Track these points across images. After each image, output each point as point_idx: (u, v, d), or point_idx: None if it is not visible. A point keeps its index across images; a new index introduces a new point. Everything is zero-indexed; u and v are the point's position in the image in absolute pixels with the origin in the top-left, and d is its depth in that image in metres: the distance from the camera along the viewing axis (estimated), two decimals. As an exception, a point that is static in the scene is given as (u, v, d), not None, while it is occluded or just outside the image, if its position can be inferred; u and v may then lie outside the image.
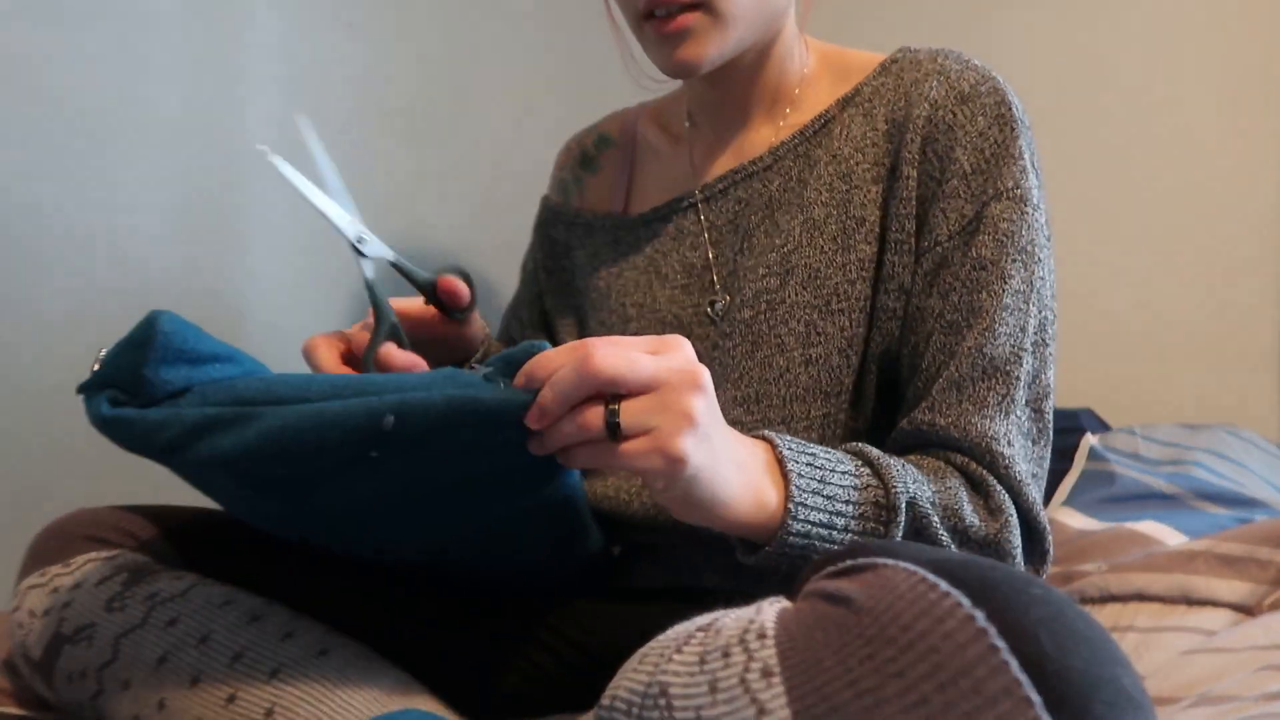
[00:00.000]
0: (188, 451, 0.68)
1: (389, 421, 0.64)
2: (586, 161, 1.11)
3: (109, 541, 0.83)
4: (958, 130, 0.86)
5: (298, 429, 0.65)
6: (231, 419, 0.67)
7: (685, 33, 0.86)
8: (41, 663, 0.79)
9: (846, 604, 0.51)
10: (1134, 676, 0.50)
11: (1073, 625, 0.49)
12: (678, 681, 0.52)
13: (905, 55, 0.92)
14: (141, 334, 0.69)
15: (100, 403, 0.69)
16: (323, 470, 0.68)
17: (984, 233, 0.84)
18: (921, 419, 0.82)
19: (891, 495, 0.73)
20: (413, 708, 0.74)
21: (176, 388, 0.70)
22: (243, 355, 0.74)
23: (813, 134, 0.93)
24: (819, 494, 0.71)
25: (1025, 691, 0.46)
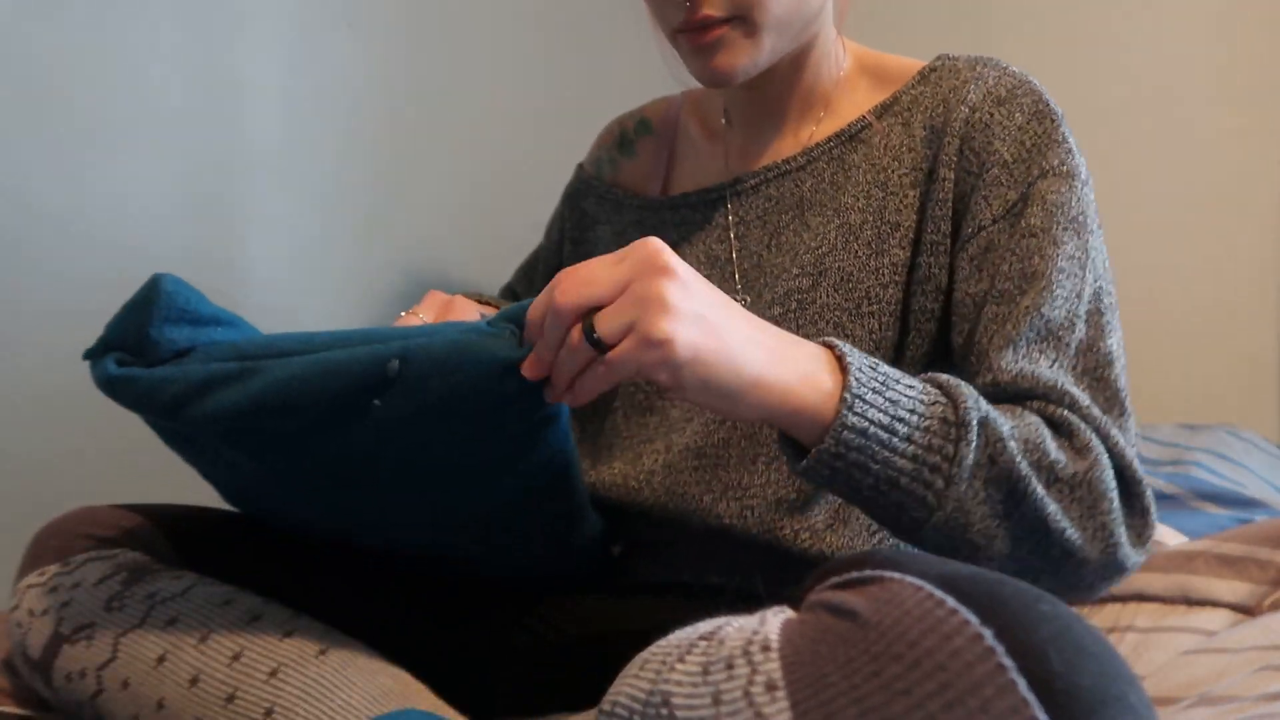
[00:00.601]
0: (192, 408, 0.68)
1: (394, 366, 0.64)
2: (625, 145, 1.12)
3: (108, 540, 0.83)
4: (995, 127, 0.86)
5: (303, 377, 0.66)
6: (236, 373, 0.67)
7: (719, 43, 0.87)
8: (40, 662, 0.79)
9: (852, 618, 0.51)
10: (1141, 693, 0.49)
11: (1081, 642, 0.49)
12: (680, 691, 0.52)
13: (944, 63, 0.93)
14: (144, 295, 0.71)
15: (106, 364, 0.70)
16: (322, 423, 0.68)
17: (1032, 205, 0.82)
18: (982, 380, 0.79)
19: (961, 410, 0.68)
20: (412, 707, 0.74)
21: (180, 347, 0.70)
22: (242, 321, 0.75)
23: (848, 139, 0.94)
24: (880, 394, 0.68)
25: (1033, 711, 0.46)
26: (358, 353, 0.66)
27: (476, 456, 0.73)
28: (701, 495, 0.89)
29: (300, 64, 1.43)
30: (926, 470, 0.67)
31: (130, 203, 1.25)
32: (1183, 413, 1.89)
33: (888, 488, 0.68)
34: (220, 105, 1.34)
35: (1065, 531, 0.70)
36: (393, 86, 1.56)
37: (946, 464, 0.67)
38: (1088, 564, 0.71)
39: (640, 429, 0.95)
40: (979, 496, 0.68)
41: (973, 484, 0.68)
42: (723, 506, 0.88)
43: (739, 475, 0.88)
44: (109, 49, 1.22)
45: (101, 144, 1.23)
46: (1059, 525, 0.70)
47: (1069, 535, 0.70)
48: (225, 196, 1.35)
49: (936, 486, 0.67)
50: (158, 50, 1.27)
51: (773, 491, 0.87)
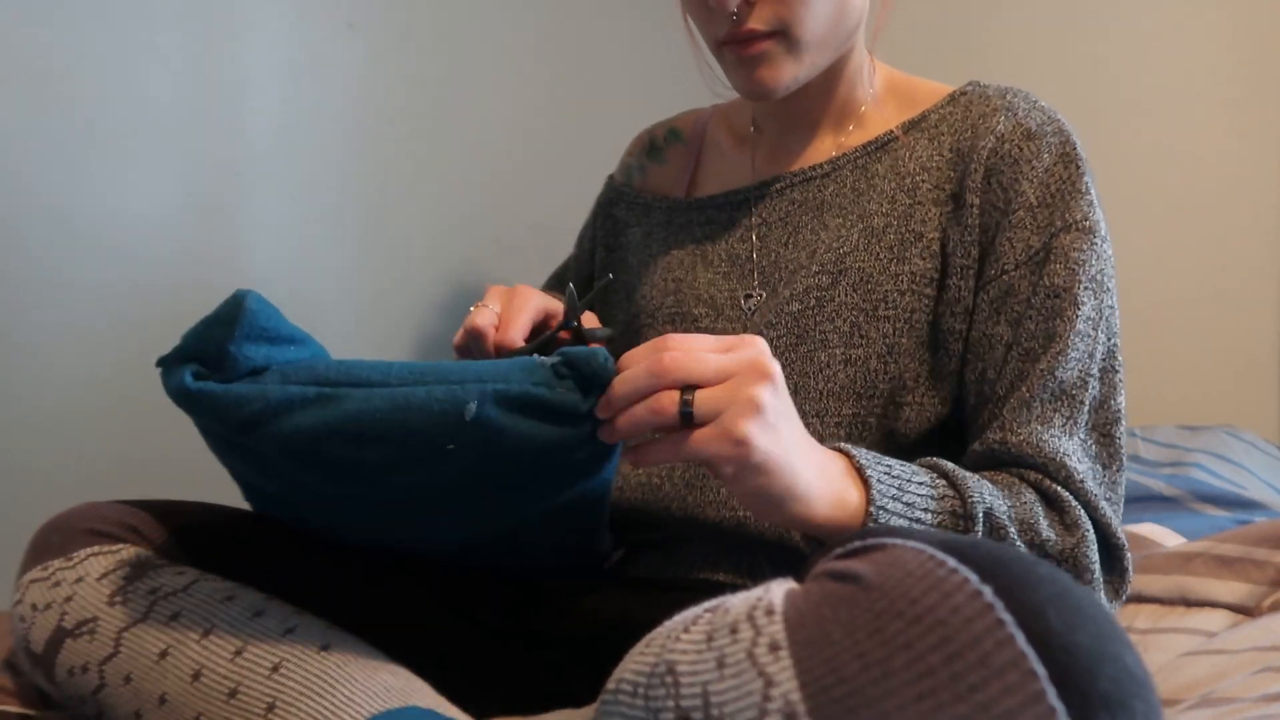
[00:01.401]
0: (267, 427, 0.69)
1: (471, 409, 0.66)
2: (654, 151, 1.15)
3: (111, 536, 0.83)
4: (1023, 164, 0.89)
5: (383, 410, 0.67)
6: (314, 398, 0.68)
7: (762, 57, 0.90)
8: (43, 657, 0.79)
9: (855, 581, 0.51)
10: (1137, 656, 0.50)
11: (1079, 603, 0.50)
12: (685, 659, 0.52)
13: (974, 89, 0.96)
14: (229, 311, 0.71)
15: (183, 375, 0.70)
16: (392, 455, 0.70)
17: (1055, 261, 0.86)
18: (993, 439, 0.84)
19: (968, 505, 0.75)
20: (414, 703, 0.74)
21: (257, 364, 0.71)
22: (313, 340, 0.76)
23: (874, 150, 0.97)
24: (898, 500, 0.73)
25: (1031, 664, 0.47)
26: (436, 391, 0.67)
27: (531, 487, 0.75)
28: (719, 488, 0.91)
29: (301, 65, 1.43)
30: None
31: (131, 204, 1.25)
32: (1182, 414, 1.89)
33: None
34: (221, 107, 1.34)
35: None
36: (394, 88, 1.56)
37: None
38: None
39: None
40: None
41: None
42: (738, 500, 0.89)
43: None
44: (109, 50, 1.23)
45: (102, 145, 1.23)
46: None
47: None
48: (226, 198, 1.35)
49: None
50: (158, 52, 1.28)
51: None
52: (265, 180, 1.39)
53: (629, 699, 0.53)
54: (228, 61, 1.35)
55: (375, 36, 1.53)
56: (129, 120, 1.25)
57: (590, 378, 0.68)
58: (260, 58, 1.38)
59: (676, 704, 0.51)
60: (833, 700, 0.48)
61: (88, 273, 1.22)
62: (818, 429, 0.91)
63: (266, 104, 1.39)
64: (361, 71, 1.51)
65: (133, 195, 1.26)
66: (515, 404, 0.67)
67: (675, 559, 0.93)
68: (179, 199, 1.30)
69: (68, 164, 1.20)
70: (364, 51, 1.51)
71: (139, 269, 1.26)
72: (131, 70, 1.25)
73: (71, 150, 1.20)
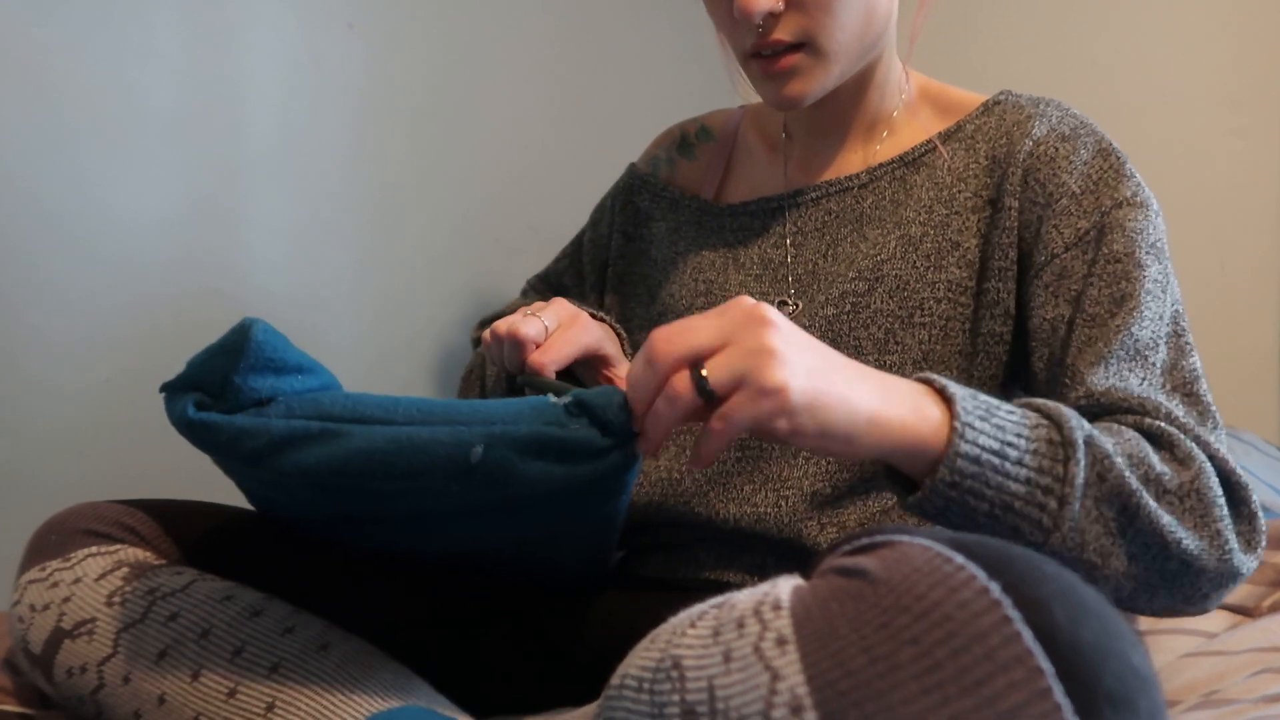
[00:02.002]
0: (272, 461, 0.68)
1: (477, 453, 0.65)
2: (685, 146, 1.15)
3: (109, 536, 0.83)
4: (1060, 161, 0.90)
5: (386, 451, 0.66)
6: (318, 433, 0.67)
7: (791, 71, 0.90)
8: (41, 657, 0.79)
9: (862, 576, 0.51)
10: (1143, 654, 0.50)
11: (1085, 600, 0.49)
12: (690, 654, 0.52)
13: (1008, 98, 0.97)
14: (234, 340, 0.70)
15: (186, 405, 0.69)
16: (400, 492, 0.69)
17: (1111, 233, 0.86)
18: (1074, 396, 0.81)
19: (1066, 431, 0.69)
20: (413, 702, 0.74)
21: (262, 396, 0.70)
22: (321, 368, 0.75)
23: (912, 160, 0.97)
24: (986, 420, 0.68)
25: (1037, 660, 0.47)
26: (441, 434, 0.66)
27: (548, 516, 0.75)
28: (742, 485, 0.92)
29: (302, 66, 1.43)
30: (1040, 493, 0.68)
31: (131, 205, 1.25)
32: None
33: (1002, 512, 0.68)
34: (221, 107, 1.34)
35: (1182, 542, 0.70)
36: (395, 88, 1.56)
37: (1059, 485, 0.68)
38: (1205, 573, 0.72)
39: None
40: (1092, 515, 0.69)
41: (1085, 502, 0.68)
42: (760, 496, 0.90)
43: (780, 468, 0.91)
44: (109, 51, 1.23)
45: (102, 146, 1.23)
46: (1175, 536, 0.70)
47: (1186, 545, 0.70)
48: (226, 199, 1.35)
49: (1050, 508, 0.68)
50: (158, 52, 1.27)
51: (809, 484, 0.90)
52: (265, 181, 1.39)
53: (634, 694, 0.53)
54: (228, 62, 1.35)
55: (375, 36, 1.52)
56: (128, 121, 1.25)
57: (604, 413, 0.67)
58: (260, 58, 1.38)
59: (682, 699, 0.51)
60: (839, 694, 0.48)
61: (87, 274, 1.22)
62: None
63: (266, 104, 1.39)
64: (361, 71, 1.51)
65: (132, 196, 1.25)
66: (527, 446, 0.66)
67: (685, 560, 0.94)
68: (178, 200, 1.30)
69: (66, 165, 1.20)
70: (364, 51, 1.51)
71: (138, 271, 1.26)
72: (131, 71, 1.25)
73: (70, 152, 1.20)
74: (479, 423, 0.67)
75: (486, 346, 0.93)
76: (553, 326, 0.90)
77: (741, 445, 0.92)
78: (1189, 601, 0.73)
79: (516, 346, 0.88)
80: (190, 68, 1.31)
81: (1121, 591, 0.71)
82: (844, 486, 0.90)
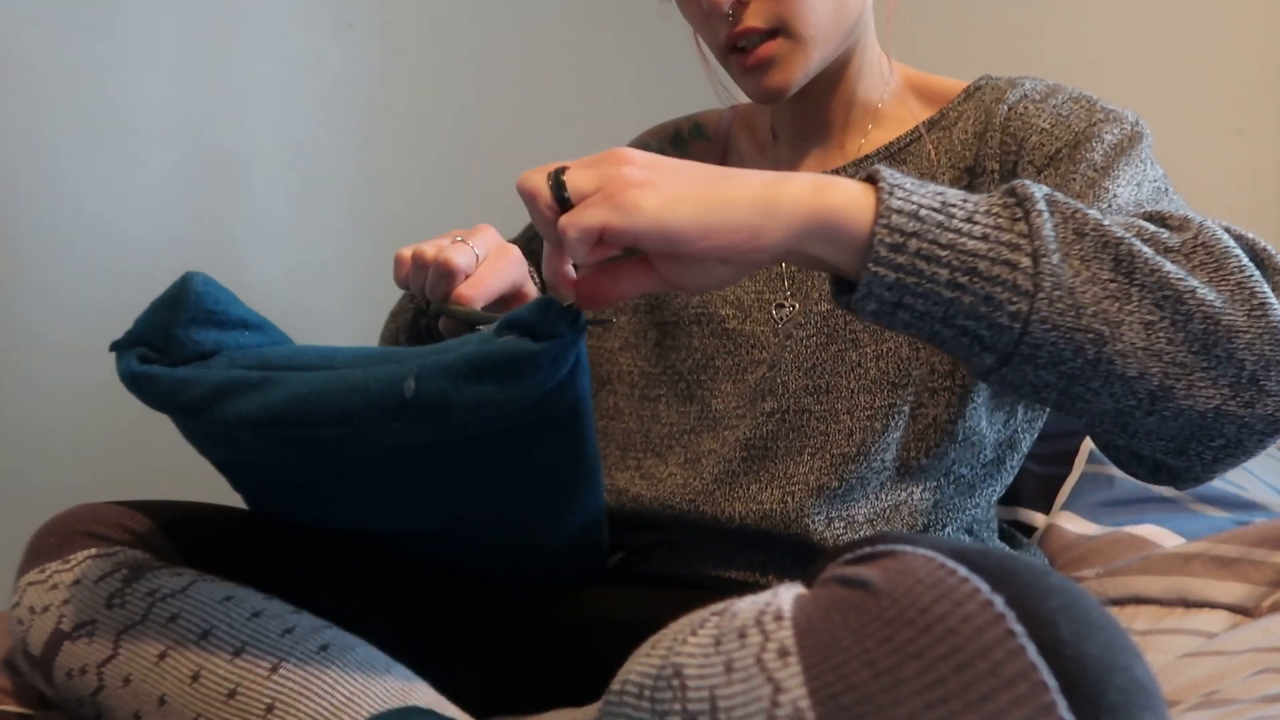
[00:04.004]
0: (212, 411, 0.68)
1: (410, 386, 0.64)
2: (678, 141, 1.13)
3: (108, 538, 0.83)
4: (1032, 110, 0.89)
5: (321, 393, 0.66)
6: (256, 381, 0.68)
7: (770, 62, 0.89)
8: (41, 659, 0.79)
9: (865, 588, 0.51)
10: (1146, 667, 0.50)
11: (1089, 614, 0.49)
12: (692, 663, 0.52)
13: (987, 81, 0.97)
14: (174, 294, 0.71)
15: (130, 359, 0.70)
16: (344, 436, 0.69)
17: (1089, 143, 0.84)
18: None
19: (1019, 188, 0.62)
20: (414, 703, 0.74)
21: (206, 349, 0.71)
22: (271, 326, 0.76)
23: (897, 150, 0.96)
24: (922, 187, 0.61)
25: (1042, 675, 0.46)
26: (375, 372, 0.66)
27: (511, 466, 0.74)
28: (749, 484, 0.91)
29: (302, 66, 1.43)
30: (1005, 249, 0.59)
31: (130, 206, 1.25)
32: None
33: (968, 279, 0.59)
34: (221, 108, 1.34)
35: (1197, 290, 0.61)
36: (395, 88, 1.56)
37: (1025, 239, 0.60)
38: (1240, 335, 0.61)
39: (683, 418, 0.97)
40: (1082, 275, 0.60)
41: (1067, 258, 0.60)
42: (766, 494, 0.90)
43: (785, 465, 0.91)
44: (108, 52, 1.23)
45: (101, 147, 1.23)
46: (1188, 284, 0.61)
47: (1203, 295, 0.61)
48: (226, 200, 1.35)
49: (1023, 265, 0.59)
50: (158, 53, 1.27)
51: (815, 479, 0.89)
52: (265, 181, 1.39)
53: (634, 700, 0.53)
54: (228, 62, 1.35)
55: (375, 36, 1.52)
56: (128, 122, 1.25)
57: (529, 316, 0.65)
58: (260, 58, 1.38)
59: (683, 708, 0.51)
60: (841, 708, 0.48)
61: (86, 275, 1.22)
62: (848, 424, 0.90)
63: (266, 105, 1.39)
64: (361, 71, 1.51)
65: (131, 197, 1.25)
66: (460, 370, 0.64)
67: (686, 557, 0.94)
68: (178, 201, 1.30)
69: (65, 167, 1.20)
70: (364, 51, 1.51)
71: (138, 269, 1.26)
72: (131, 70, 1.25)
73: (69, 153, 1.20)
74: (412, 357, 0.66)
75: (405, 270, 0.84)
76: (483, 256, 0.84)
77: (746, 444, 0.92)
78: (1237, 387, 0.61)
79: (444, 276, 0.81)
80: (190, 68, 1.31)
81: (1150, 382, 0.61)
82: (852, 479, 0.89)
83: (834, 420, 0.91)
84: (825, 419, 0.91)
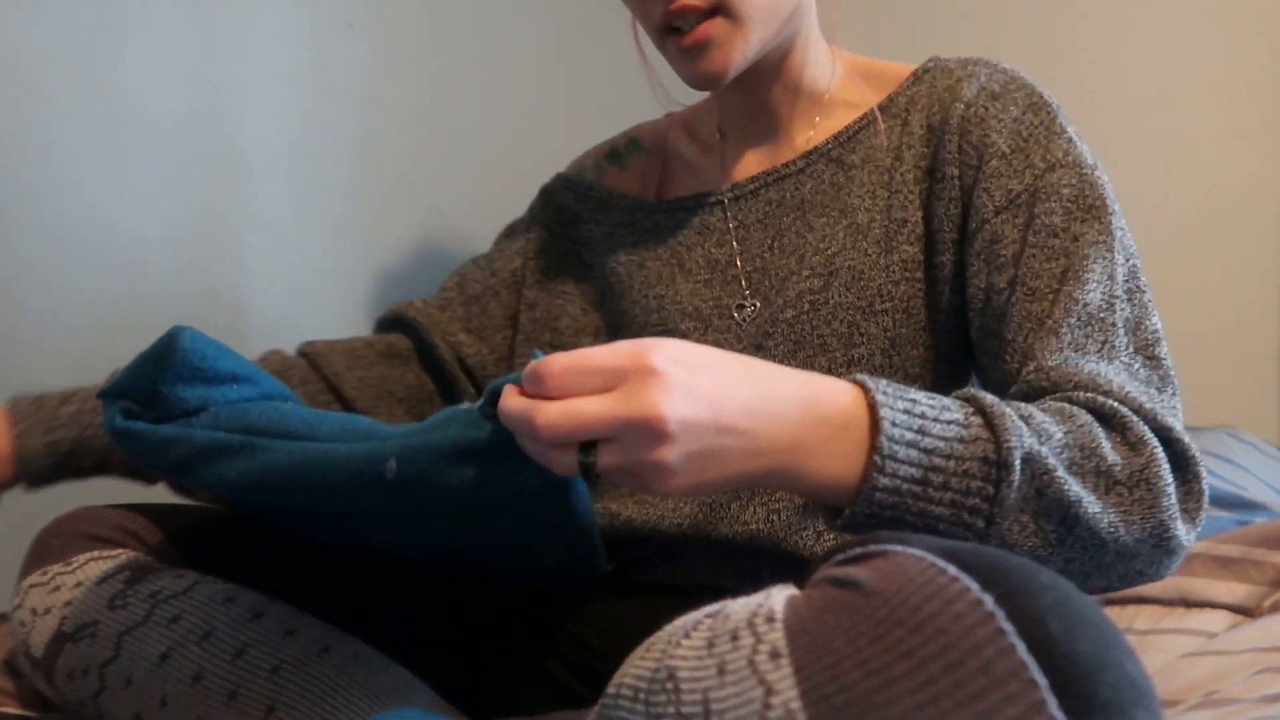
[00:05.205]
0: (195, 472, 0.69)
1: (391, 468, 0.63)
2: (615, 156, 1.11)
3: (110, 540, 0.83)
4: (990, 120, 0.87)
5: (303, 464, 0.66)
6: (239, 446, 0.67)
7: (708, 43, 0.87)
8: (43, 661, 0.79)
9: (856, 588, 0.51)
10: (1139, 664, 0.50)
11: (1080, 611, 0.49)
12: (685, 665, 0.52)
13: (936, 64, 0.94)
14: (160, 349, 0.70)
15: (115, 413, 0.69)
16: (331, 502, 0.69)
17: (1048, 200, 0.82)
18: (1027, 374, 0.77)
19: (1004, 451, 0.64)
20: (413, 705, 0.75)
21: (191, 406, 0.70)
22: (263, 375, 0.75)
23: (847, 139, 0.94)
24: (914, 446, 0.64)
25: (1032, 673, 0.47)
26: (356, 449, 0.64)
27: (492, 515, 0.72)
28: (729, 503, 0.89)
29: (302, 67, 1.43)
30: (965, 513, 0.65)
31: (129, 207, 1.25)
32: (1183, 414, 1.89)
33: (927, 526, 0.65)
34: (220, 108, 1.34)
35: (1121, 539, 0.68)
36: (396, 89, 1.56)
37: (987, 505, 0.65)
38: (1140, 558, 0.69)
39: None
40: (1026, 530, 0.66)
41: (1019, 519, 0.66)
42: (750, 513, 0.88)
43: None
44: (107, 53, 1.23)
45: (101, 148, 1.23)
46: (1115, 536, 0.68)
47: (1125, 542, 0.68)
48: (226, 201, 1.35)
49: (977, 527, 0.65)
50: (156, 54, 1.27)
51: (799, 496, 0.87)
52: (265, 182, 1.39)
53: (629, 704, 0.53)
54: (228, 62, 1.35)
55: (375, 36, 1.52)
56: (128, 123, 1.25)
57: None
58: (260, 58, 1.38)
59: (677, 710, 0.51)
60: (834, 708, 0.48)
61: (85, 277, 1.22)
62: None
63: (266, 105, 1.39)
64: (361, 72, 1.51)
65: (130, 199, 1.25)
66: (441, 455, 0.62)
67: (681, 566, 0.93)
68: (178, 202, 1.30)
69: (65, 168, 1.20)
70: (364, 52, 1.51)
71: (136, 270, 1.26)
72: (130, 70, 1.25)
73: (69, 154, 1.20)
74: (396, 436, 0.64)
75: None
76: None
77: None
78: (1124, 581, 0.72)
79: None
80: (190, 68, 1.31)
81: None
82: None
83: None
84: None
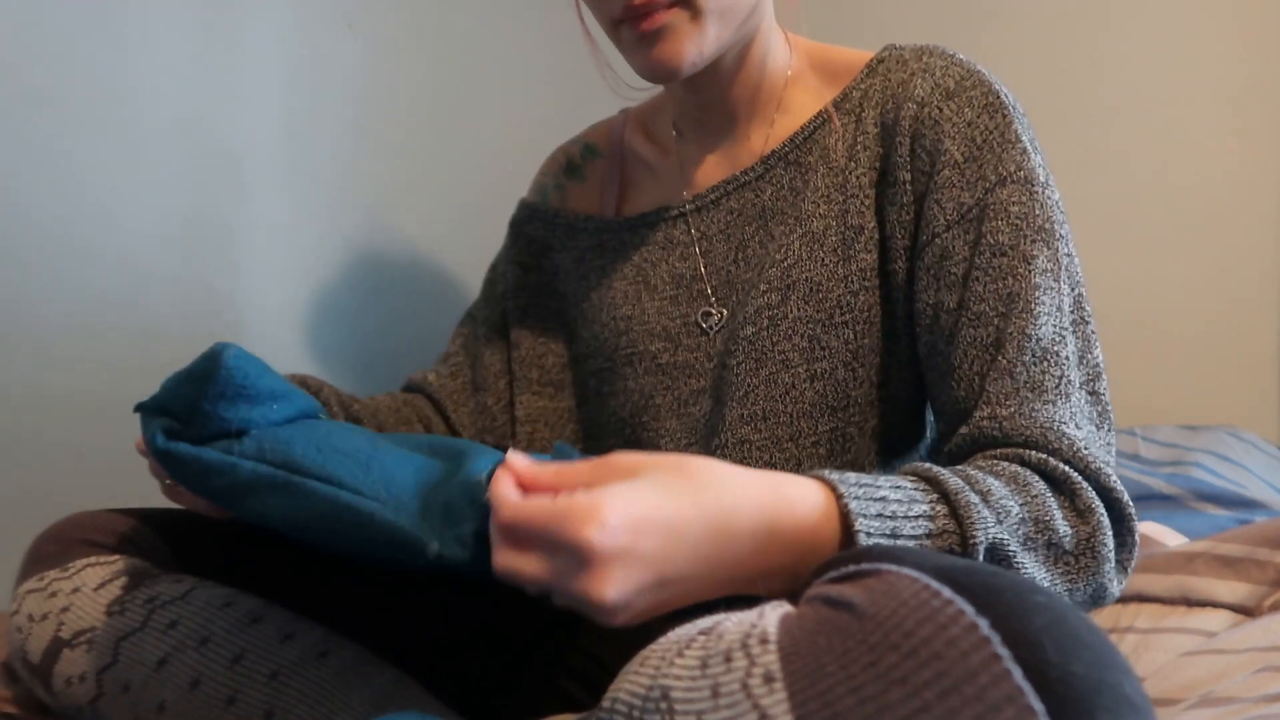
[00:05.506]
0: (236, 501, 0.68)
1: (434, 548, 0.62)
2: (572, 169, 1.09)
3: (107, 546, 0.83)
4: (944, 124, 0.84)
5: (346, 522, 0.65)
6: (283, 484, 0.67)
7: (663, 31, 0.83)
8: (40, 667, 0.79)
9: (849, 609, 0.51)
10: (1136, 682, 0.49)
11: (1076, 631, 0.49)
12: (679, 685, 0.52)
13: (891, 54, 0.90)
14: (204, 367, 0.69)
15: (155, 432, 0.68)
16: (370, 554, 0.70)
17: (994, 219, 0.80)
18: (981, 418, 0.77)
19: (969, 547, 0.65)
20: (412, 710, 0.75)
21: (233, 426, 0.69)
22: (298, 393, 0.74)
23: (803, 141, 0.92)
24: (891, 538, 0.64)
25: (1028, 699, 0.46)
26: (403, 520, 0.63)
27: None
28: None
29: (301, 67, 1.43)
30: None
31: (129, 209, 1.25)
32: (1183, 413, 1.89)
33: None
34: (219, 109, 1.34)
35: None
36: (396, 89, 1.56)
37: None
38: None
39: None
40: None
41: None
42: None
43: None
44: (105, 54, 1.22)
45: (100, 149, 1.23)
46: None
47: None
48: (225, 202, 1.35)
49: None
50: (155, 54, 1.27)
51: None
52: (264, 182, 1.39)
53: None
54: (228, 62, 1.35)
55: (375, 36, 1.52)
56: (127, 122, 1.25)
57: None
58: (260, 58, 1.38)
59: None
60: None
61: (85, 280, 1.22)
62: (794, 452, 0.88)
63: (265, 105, 1.39)
64: (361, 71, 1.51)
65: (130, 200, 1.25)
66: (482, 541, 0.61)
67: None
68: (177, 203, 1.30)
69: (64, 169, 1.20)
70: (364, 51, 1.51)
71: (136, 272, 1.26)
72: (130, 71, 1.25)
73: (68, 155, 1.20)
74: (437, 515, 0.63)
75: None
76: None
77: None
78: None
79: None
80: (189, 69, 1.31)
81: None
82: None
83: (777, 449, 0.88)
84: (767, 448, 0.88)
